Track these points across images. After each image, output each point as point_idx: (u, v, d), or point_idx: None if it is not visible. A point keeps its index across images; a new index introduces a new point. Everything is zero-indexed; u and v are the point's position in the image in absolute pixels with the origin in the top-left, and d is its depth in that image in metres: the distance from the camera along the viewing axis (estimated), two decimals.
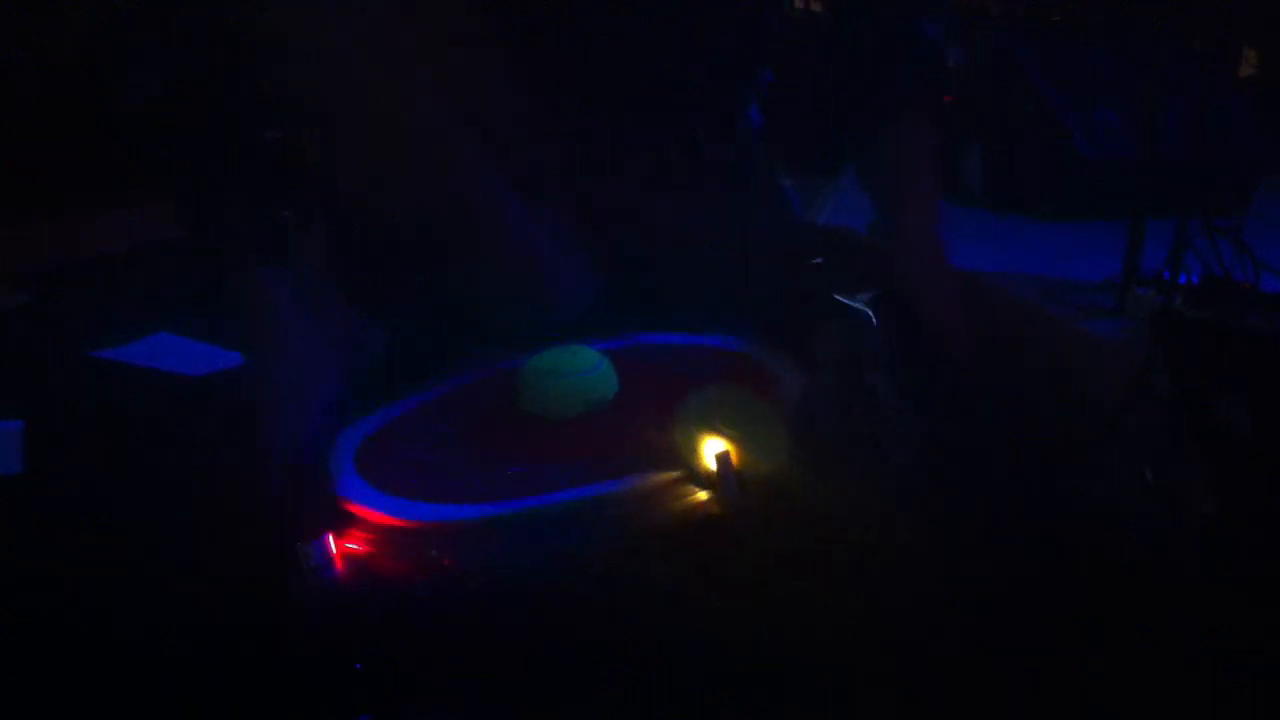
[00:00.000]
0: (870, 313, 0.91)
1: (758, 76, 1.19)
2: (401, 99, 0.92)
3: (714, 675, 0.59)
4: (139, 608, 0.67)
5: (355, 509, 0.76)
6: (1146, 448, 0.76)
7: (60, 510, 0.81)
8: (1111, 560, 0.69)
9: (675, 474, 0.73)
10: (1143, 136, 1.97)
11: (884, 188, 1.08)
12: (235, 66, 0.94)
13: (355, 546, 0.72)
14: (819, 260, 0.97)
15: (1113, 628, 0.63)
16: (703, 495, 0.71)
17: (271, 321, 0.92)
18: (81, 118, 0.93)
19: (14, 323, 1.03)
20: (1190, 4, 2.29)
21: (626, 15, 1.03)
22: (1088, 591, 0.66)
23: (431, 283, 1.03)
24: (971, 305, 0.97)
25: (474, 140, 0.97)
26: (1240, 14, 2.54)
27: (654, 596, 0.62)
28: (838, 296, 0.92)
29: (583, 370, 0.87)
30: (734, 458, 0.70)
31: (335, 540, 0.70)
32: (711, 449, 0.72)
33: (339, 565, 0.69)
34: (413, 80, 0.92)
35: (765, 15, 1.16)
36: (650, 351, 1.00)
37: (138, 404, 0.95)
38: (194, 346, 0.98)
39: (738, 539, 0.67)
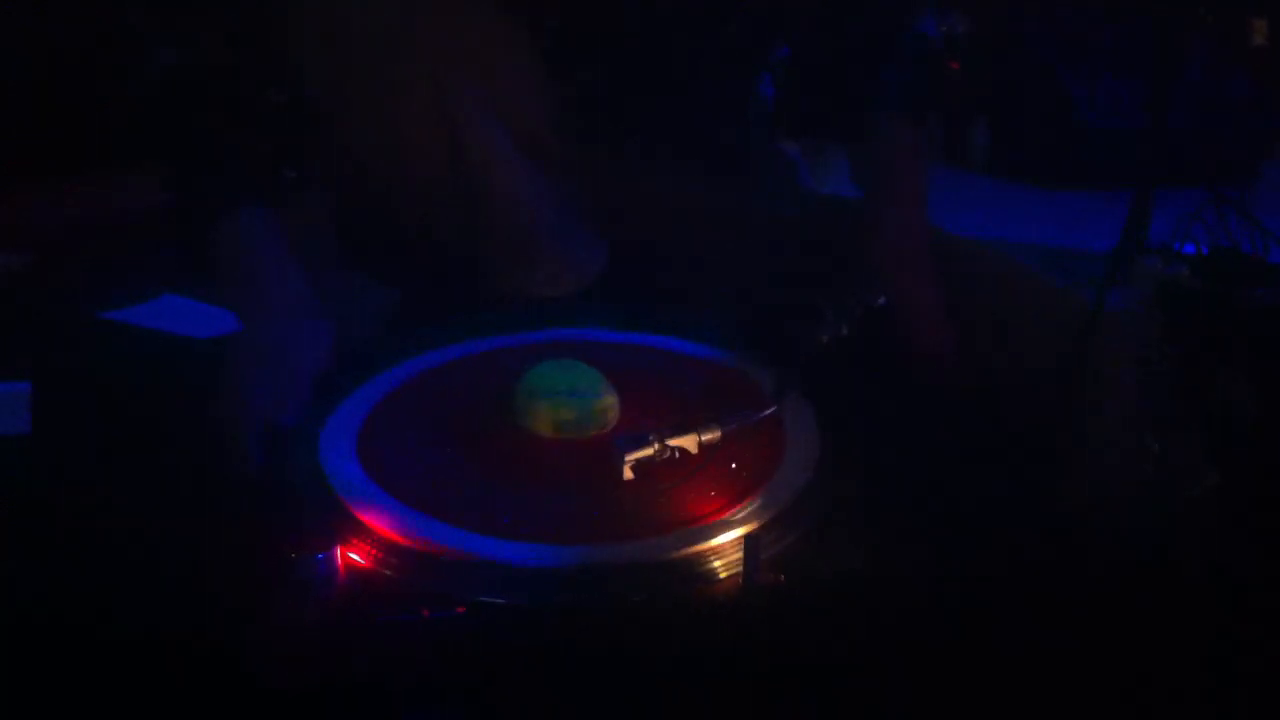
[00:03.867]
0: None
1: (770, 49, 1.19)
2: (412, 65, 0.91)
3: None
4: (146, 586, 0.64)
5: (363, 517, 0.67)
6: (1148, 418, 0.76)
7: (66, 473, 0.80)
8: (1112, 548, 0.68)
9: (710, 541, 0.67)
10: (1148, 105, 1.96)
11: (869, 182, 1.07)
12: (246, 33, 0.93)
13: (359, 558, 0.64)
14: (883, 301, 0.90)
15: (1111, 621, 0.62)
16: (724, 573, 0.65)
17: (258, 273, 0.87)
18: (86, 81, 0.92)
19: (19, 283, 1.03)
20: None
21: None
22: (1087, 581, 0.66)
23: (436, 245, 1.02)
24: (951, 313, 0.94)
25: (482, 103, 0.96)
26: None
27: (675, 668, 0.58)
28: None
29: (582, 393, 0.78)
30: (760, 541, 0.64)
31: (342, 552, 0.62)
32: (739, 528, 0.67)
33: (342, 580, 0.61)
34: (423, 47, 0.91)
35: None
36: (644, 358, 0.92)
37: (144, 365, 0.95)
38: (201, 308, 0.98)
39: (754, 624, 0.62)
